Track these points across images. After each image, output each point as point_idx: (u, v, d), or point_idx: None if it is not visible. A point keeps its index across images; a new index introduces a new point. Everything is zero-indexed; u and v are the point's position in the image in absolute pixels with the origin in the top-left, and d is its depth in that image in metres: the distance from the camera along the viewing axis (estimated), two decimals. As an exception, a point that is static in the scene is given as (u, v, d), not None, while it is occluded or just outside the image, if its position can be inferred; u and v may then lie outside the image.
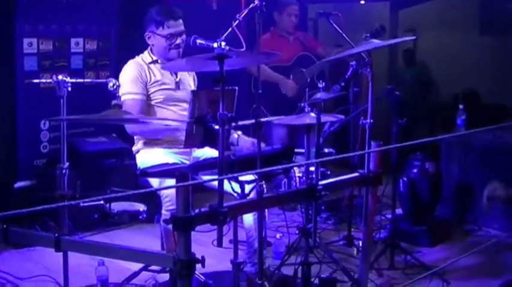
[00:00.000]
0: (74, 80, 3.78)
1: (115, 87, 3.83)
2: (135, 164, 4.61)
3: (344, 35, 5.51)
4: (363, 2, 9.89)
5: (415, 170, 5.61)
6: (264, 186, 3.51)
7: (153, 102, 4.60)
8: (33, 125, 6.06)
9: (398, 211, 5.51)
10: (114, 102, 3.40)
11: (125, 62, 4.75)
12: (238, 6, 7.04)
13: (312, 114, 3.88)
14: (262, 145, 3.57)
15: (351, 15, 8.78)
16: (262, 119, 3.51)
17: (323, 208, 6.11)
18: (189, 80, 4.85)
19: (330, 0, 9.08)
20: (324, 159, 3.76)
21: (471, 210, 6.01)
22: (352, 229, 5.49)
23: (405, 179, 5.60)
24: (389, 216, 5.34)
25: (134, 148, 4.68)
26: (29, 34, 5.87)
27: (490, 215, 5.83)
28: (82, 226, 5.55)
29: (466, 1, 9.18)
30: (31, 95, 5.89)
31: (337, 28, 5.51)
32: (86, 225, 5.60)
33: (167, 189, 4.04)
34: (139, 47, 4.85)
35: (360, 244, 5.08)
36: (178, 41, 4.65)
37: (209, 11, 7.03)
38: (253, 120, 3.58)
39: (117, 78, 4.24)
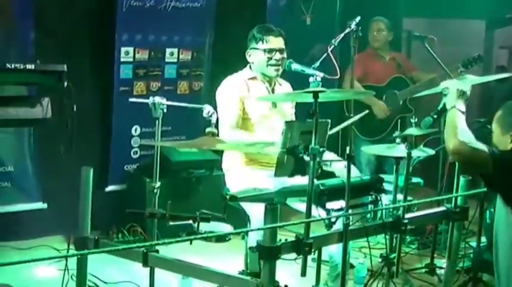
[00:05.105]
0: (169, 103, 3.84)
1: (210, 114, 3.87)
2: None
3: (439, 60, 5.48)
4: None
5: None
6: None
7: (249, 120, 4.64)
8: (125, 130, 6.19)
9: (484, 240, 5.41)
10: (208, 129, 3.44)
11: (218, 73, 4.79)
12: (333, 20, 7.02)
13: (403, 147, 3.87)
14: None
15: (446, 32, 8.67)
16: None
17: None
18: (287, 107, 4.85)
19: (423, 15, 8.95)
20: (409, 203, 3.76)
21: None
22: (436, 256, 5.41)
23: (492, 209, 5.49)
24: (473, 243, 5.25)
25: (224, 166, 4.75)
26: (126, 43, 6.01)
27: None
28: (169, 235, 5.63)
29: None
30: (125, 102, 6.02)
31: (433, 53, 5.47)
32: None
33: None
34: (233, 59, 4.89)
35: (443, 272, 5.03)
36: (277, 57, 4.65)
37: (303, 26, 7.05)
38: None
39: (210, 87, 4.24)
